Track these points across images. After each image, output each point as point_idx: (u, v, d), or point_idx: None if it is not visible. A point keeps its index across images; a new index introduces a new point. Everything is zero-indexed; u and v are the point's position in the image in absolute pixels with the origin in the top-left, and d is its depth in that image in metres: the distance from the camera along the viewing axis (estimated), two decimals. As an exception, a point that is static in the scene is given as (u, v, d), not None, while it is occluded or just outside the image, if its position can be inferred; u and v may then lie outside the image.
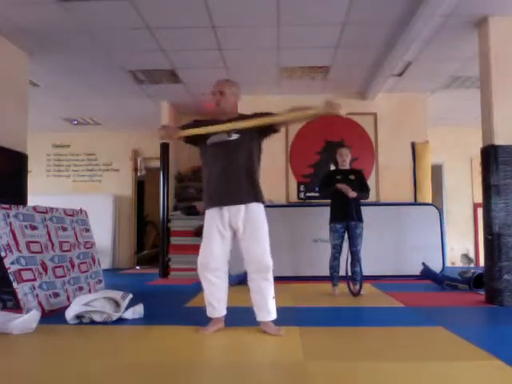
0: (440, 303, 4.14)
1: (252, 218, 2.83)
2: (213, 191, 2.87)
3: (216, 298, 2.88)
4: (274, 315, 2.87)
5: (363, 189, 4.58)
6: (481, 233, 5.95)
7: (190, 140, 3.01)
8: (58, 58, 5.08)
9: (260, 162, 2.98)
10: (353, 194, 4.41)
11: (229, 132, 2.84)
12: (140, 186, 9.11)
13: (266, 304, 2.85)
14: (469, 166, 8.26)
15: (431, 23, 4.20)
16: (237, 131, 2.85)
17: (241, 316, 3.07)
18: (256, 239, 2.83)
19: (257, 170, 2.94)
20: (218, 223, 2.84)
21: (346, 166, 4.65)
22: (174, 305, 4.09)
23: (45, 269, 3.71)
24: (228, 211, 2.83)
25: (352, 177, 4.56)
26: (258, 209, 2.87)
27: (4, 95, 4.51)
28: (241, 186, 2.83)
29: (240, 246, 2.89)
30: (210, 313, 2.92)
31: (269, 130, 2.94)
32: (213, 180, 2.87)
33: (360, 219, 4.52)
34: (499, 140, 4.02)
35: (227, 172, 2.83)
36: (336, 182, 4.56)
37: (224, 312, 2.92)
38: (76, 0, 3.85)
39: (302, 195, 6.57)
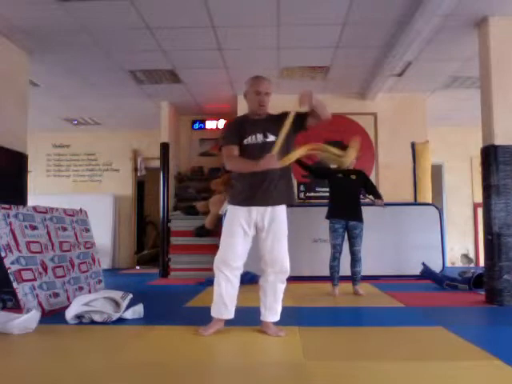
0: (440, 303, 4.14)
1: (277, 219, 2.81)
2: (246, 191, 2.81)
3: (230, 298, 2.83)
4: (279, 317, 2.88)
5: (374, 191, 4.68)
6: (481, 233, 5.95)
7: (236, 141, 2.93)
8: (58, 58, 5.08)
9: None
10: (381, 203, 4.58)
11: (265, 134, 2.83)
12: (140, 186, 9.11)
13: (277, 306, 2.86)
14: (469, 166, 8.25)
15: (431, 23, 4.20)
16: (273, 132, 2.81)
17: (240, 316, 3.07)
18: (280, 242, 2.81)
19: (291, 170, 2.96)
20: (242, 221, 2.80)
21: (349, 167, 4.66)
22: (174, 305, 4.09)
23: (45, 269, 3.71)
24: (256, 210, 2.80)
25: (353, 177, 4.58)
26: (283, 210, 2.86)
27: (4, 95, 4.50)
28: (277, 188, 2.80)
29: (260, 244, 2.85)
30: (220, 313, 2.84)
31: (301, 130, 2.92)
32: (247, 180, 2.81)
33: (360, 219, 4.52)
34: (499, 140, 4.02)
35: (264, 175, 2.76)
36: (337, 180, 4.59)
37: (233, 315, 2.87)
38: (76, 0, 3.85)
39: (302, 195, 6.57)
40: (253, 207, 2.80)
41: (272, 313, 2.85)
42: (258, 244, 2.87)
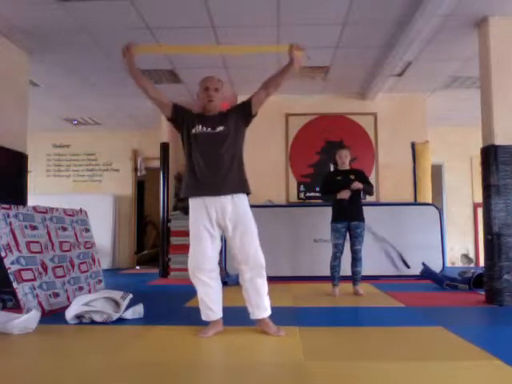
0: (440, 303, 4.14)
1: (241, 215, 2.79)
2: (198, 181, 2.82)
3: (213, 300, 2.84)
4: (269, 311, 2.85)
5: (366, 185, 4.62)
6: (481, 233, 5.95)
7: (174, 121, 2.99)
8: (58, 57, 5.08)
9: (243, 152, 2.97)
10: (345, 195, 4.44)
11: (213, 126, 2.85)
12: (140, 186, 9.11)
13: (262, 301, 2.83)
14: (469, 166, 8.25)
15: (431, 23, 4.20)
16: (221, 123, 2.85)
17: (240, 316, 3.07)
18: (248, 237, 2.79)
19: (242, 160, 2.95)
20: (205, 223, 2.80)
21: (346, 167, 4.67)
22: (174, 305, 4.09)
23: (45, 269, 3.71)
24: (214, 206, 2.78)
25: (352, 176, 4.57)
26: (244, 203, 2.84)
27: (4, 95, 4.50)
28: (228, 176, 2.80)
29: (230, 244, 2.85)
30: (208, 316, 2.86)
31: (249, 116, 2.93)
32: (198, 171, 2.83)
33: (361, 219, 4.52)
34: (499, 140, 4.02)
35: (214, 163, 2.80)
36: (336, 183, 4.58)
37: (221, 314, 2.88)
38: (76, 0, 3.85)
39: (301, 195, 6.57)
40: (208, 200, 2.77)
41: (260, 309, 2.82)
42: (228, 244, 2.87)
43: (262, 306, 2.83)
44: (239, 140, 2.93)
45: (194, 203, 2.86)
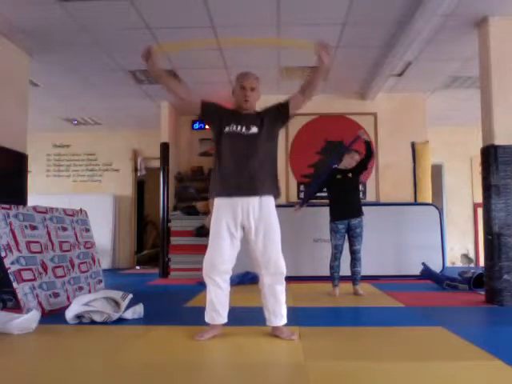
0: (440, 303, 4.14)
1: (265, 214, 2.71)
2: (226, 181, 2.76)
3: (221, 304, 2.76)
4: (285, 319, 2.79)
5: (364, 162, 4.63)
6: (481, 233, 5.95)
7: (204, 118, 3.00)
8: (58, 58, 5.08)
9: (277, 154, 2.92)
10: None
11: (248, 126, 2.79)
12: (140, 186, 9.11)
13: (280, 309, 2.76)
14: (469, 166, 8.25)
15: (431, 23, 4.20)
16: (255, 124, 2.79)
17: (240, 316, 3.07)
18: (270, 242, 2.71)
19: (275, 162, 2.88)
20: (229, 222, 2.71)
21: (349, 167, 4.68)
22: (174, 305, 4.09)
23: (45, 269, 3.71)
24: (241, 206, 2.70)
25: (350, 174, 4.62)
26: (271, 204, 2.77)
27: (4, 95, 4.50)
28: (258, 178, 2.73)
29: (251, 247, 2.77)
30: (212, 319, 2.78)
31: (285, 118, 2.90)
32: (227, 171, 2.77)
33: (360, 214, 4.54)
34: (499, 140, 4.02)
35: (245, 165, 2.73)
36: (336, 181, 4.59)
37: (226, 319, 2.81)
38: (76, 0, 3.85)
39: (302, 195, 6.57)
40: (236, 199, 2.71)
41: (277, 317, 2.76)
42: (249, 246, 2.78)
43: (278, 314, 2.76)
44: (272, 142, 2.86)
45: (220, 202, 2.77)
